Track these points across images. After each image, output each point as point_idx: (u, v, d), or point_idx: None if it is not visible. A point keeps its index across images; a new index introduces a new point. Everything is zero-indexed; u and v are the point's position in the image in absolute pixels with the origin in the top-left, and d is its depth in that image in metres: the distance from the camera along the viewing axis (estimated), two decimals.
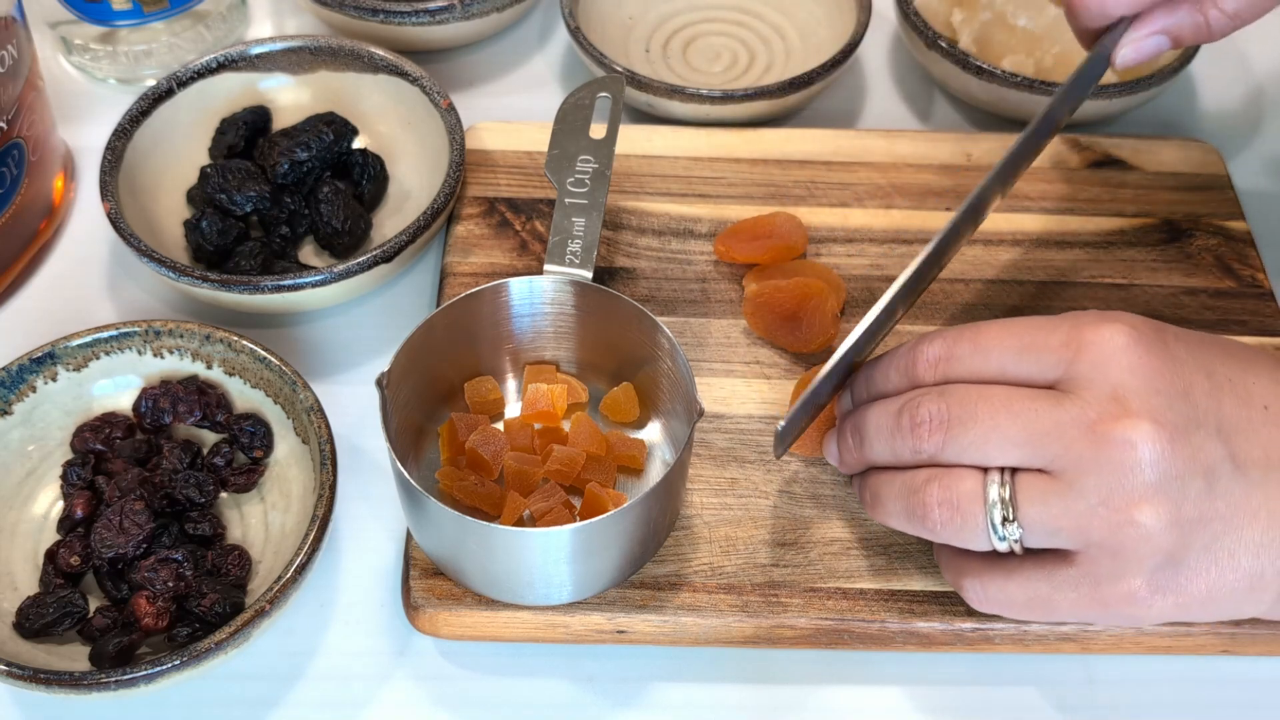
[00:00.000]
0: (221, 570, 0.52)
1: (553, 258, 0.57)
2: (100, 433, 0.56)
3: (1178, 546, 0.44)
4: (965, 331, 0.48)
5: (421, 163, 0.67)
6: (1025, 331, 0.47)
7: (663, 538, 0.53)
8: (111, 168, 0.63)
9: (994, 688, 0.53)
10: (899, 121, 0.75)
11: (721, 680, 0.53)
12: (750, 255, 0.63)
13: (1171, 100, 0.75)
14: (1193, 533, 0.44)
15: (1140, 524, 0.43)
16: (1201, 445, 0.44)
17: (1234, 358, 0.46)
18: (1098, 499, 0.44)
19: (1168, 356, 0.45)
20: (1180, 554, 0.44)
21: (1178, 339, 0.46)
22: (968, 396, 0.46)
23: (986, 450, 0.46)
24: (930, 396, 0.47)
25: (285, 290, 0.59)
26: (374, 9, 0.71)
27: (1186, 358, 0.45)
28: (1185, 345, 0.46)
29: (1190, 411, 0.44)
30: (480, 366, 0.58)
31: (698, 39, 0.77)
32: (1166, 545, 0.44)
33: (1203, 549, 0.44)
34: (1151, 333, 0.46)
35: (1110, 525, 0.44)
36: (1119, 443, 0.43)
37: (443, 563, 0.52)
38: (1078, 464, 0.44)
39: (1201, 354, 0.46)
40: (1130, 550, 0.44)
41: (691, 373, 0.52)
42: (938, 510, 0.46)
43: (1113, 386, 0.44)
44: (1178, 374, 0.45)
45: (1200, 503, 0.44)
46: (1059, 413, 0.44)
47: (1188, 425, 0.44)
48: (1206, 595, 0.45)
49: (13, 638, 0.50)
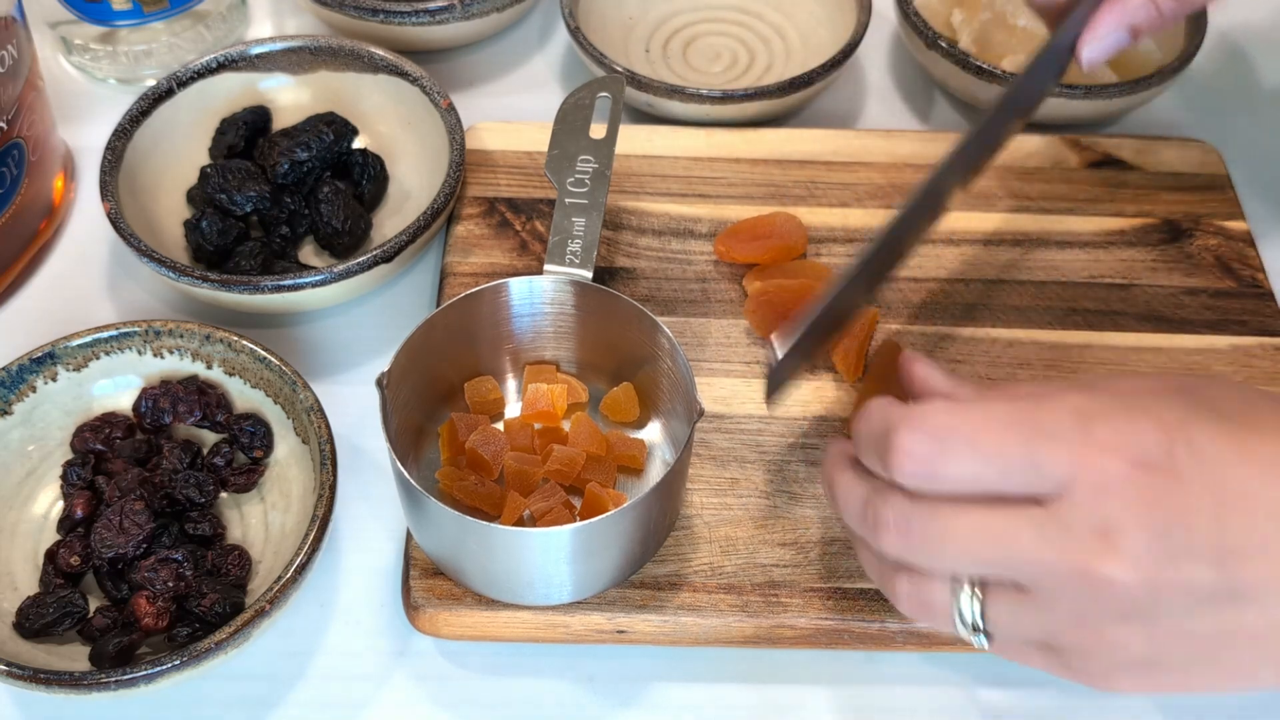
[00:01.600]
0: (221, 570, 0.52)
1: (553, 258, 0.57)
2: (100, 433, 0.56)
3: (1154, 656, 0.42)
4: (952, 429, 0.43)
5: (421, 163, 0.67)
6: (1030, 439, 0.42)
7: (663, 538, 0.53)
8: (111, 168, 0.63)
9: (994, 688, 0.53)
10: (899, 121, 0.75)
11: (721, 680, 0.53)
12: (750, 255, 0.63)
13: (1171, 100, 0.75)
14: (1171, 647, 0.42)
15: (1109, 643, 0.42)
16: (1191, 576, 0.41)
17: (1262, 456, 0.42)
18: (1071, 619, 0.42)
19: (1171, 482, 0.41)
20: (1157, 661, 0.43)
21: (1191, 449, 0.42)
22: (938, 514, 0.43)
23: (956, 567, 0.44)
24: (899, 502, 0.43)
25: (285, 290, 0.59)
26: (374, 9, 0.71)
27: (1196, 475, 0.41)
28: (1199, 458, 0.41)
29: (1185, 542, 0.41)
30: (480, 366, 0.58)
31: (698, 39, 0.77)
32: (1141, 655, 0.42)
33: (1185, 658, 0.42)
34: (1160, 452, 0.41)
35: (1081, 642, 0.43)
36: (1099, 580, 0.41)
37: (443, 563, 0.52)
38: (1053, 589, 0.42)
39: (1218, 462, 0.41)
40: (1104, 655, 0.43)
41: (691, 373, 0.52)
42: (905, 601, 0.45)
43: (1102, 520, 0.41)
44: (1179, 502, 0.41)
45: (1180, 625, 0.41)
46: (1041, 538, 0.42)
47: (1177, 557, 0.41)
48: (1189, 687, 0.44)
49: (13, 638, 0.50)
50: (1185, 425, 0.42)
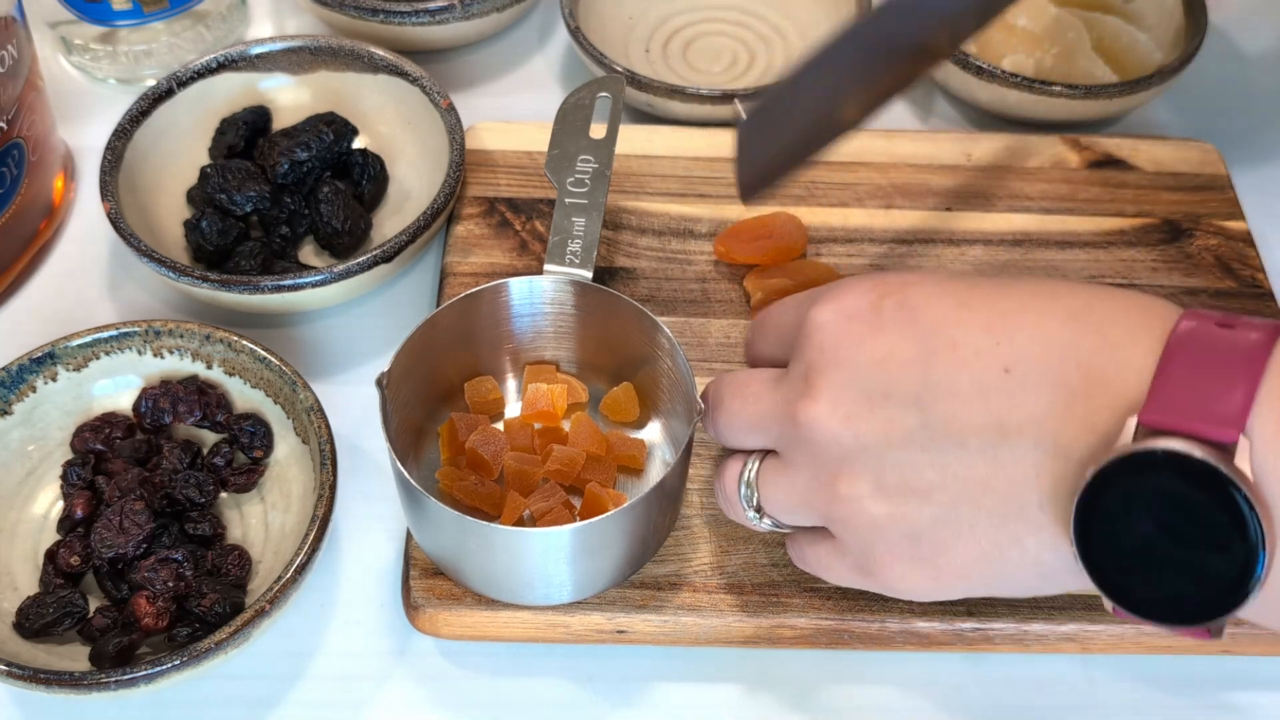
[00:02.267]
0: (221, 570, 0.52)
1: (553, 258, 0.57)
2: (100, 433, 0.56)
3: (900, 517, 0.43)
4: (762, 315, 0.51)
5: (421, 163, 0.67)
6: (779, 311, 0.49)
7: (663, 538, 0.53)
8: (111, 168, 0.63)
9: (994, 688, 0.53)
10: (899, 121, 0.75)
11: (721, 680, 0.53)
12: (750, 256, 0.63)
13: (1171, 100, 0.75)
14: (908, 503, 0.42)
15: (845, 496, 0.43)
16: (890, 416, 0.42)
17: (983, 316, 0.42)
18: (808, 475, 0.44)
19: (871, 329, 0.43)
20: (909, 525, 0.43)
21: (901, 305, 0.43)
22: (721, 381, 0.49)
23: (732, 435, 0.48)
24: (710, 384, 0.50)
25: (285, 290, 0.59)
26: (374, 9, 0.71)
27: (899, 325, 0.43)
28: (907, 311, 0.43)
29: (880, 382, 0.42)
30: (480, 366, 0.58)
31: (698, 39, 0.77)
32: (883, 514, 0.43)
33: (932, 520, 0.42)
34: (866, 305, 0.44)
35: (825, 499, 0.44)
36: (804, 423, 0.44)
37: (443, 563, 0.52)
38: (789, 444, 0.45)
39: (929, 315, 0.42)
40: (854, 521, 0.44)
41: (691, 373, 0.52)
42: (719, 497, 0.50)
43: (806, 366, 0.44)
44: (875, 346, 0.43)
45: (903, 472, 0.42)
46: (774, 394, 0.46)
47: (872, 397, 0.42)
48: (961, 569, 0.43)
49: (13, 638, 0.50)
50: (904, 286, 0.44)
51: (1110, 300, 0.42)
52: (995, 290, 0.43)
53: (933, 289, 0.43)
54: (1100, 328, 0.41)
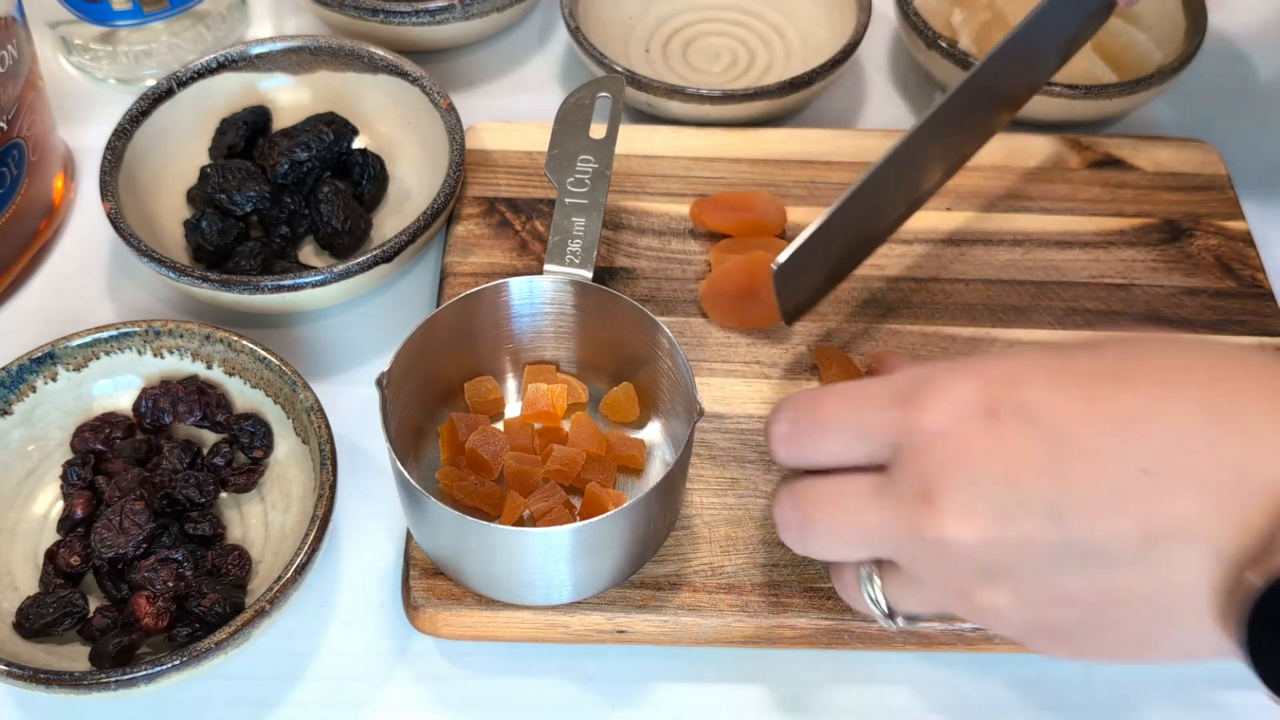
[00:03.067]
0: (221, 570, 0.52)
1: (553, 258, 0.57)
2: (100, 433, 0.56)
3: (1046, 624, 0.42)
4: (806, 406, 0.44)
5: (421, 163, 0.67)
6: (862, 406, 0.43)
7: (663, 538, 0.53)
8: (111, 168, 0.63)
9: (994, 688, 0.53)
10: (899, 121, 0.75)
11: (721, 680, 0.53)
12: (720, 224, 0.63)
13: (1171, 100, 0.75)
14: (1050, 610, 0.41)
15: (983, 608, 0.42)
16: (1026, 532, 0.39)
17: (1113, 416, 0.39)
18: (940, 586, 0.42)
19: (992, 435, 0.40)
20: (1054, 629, 0.42)
21: (1020, 408, 0.40)
22: (806, 497, 0.44)
23: (837, 552, 0.44)
24: (782, 499, 0.45)
25: (285, 290, 0.59)
26: (374, 9, 0.71)
27: (1024, 432, 0.40)
28: (1029, 415, 0.40)
29: (1012, 496, 0.39)
30: (480, 366, 0.58)
31: (698, 39, 0.77)
32: (1032, 622, 0.42)
33: (1081, 625, 0.41)
34: (982, 410, 0.40)
35: (961, 608, 0.43)
36: (932, 542, 0.41)
37: (443, 563, 0.52)
38: (910, 558, 0.42)
39: (1056, 418, 0.40)
40: (999, 625, 0.42)
41: (691, 373, 0.52)
42: (841, 594, 0.47)
43: (922, 482, 0.41)
44: (1002, 457, 0.40)
45: (1044, 587, 0.40)
46: (880, 510, 0.42)
47: (1006, 512, 0.39)
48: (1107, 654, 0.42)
49: (13, 638, 0.50)
50: (1016, 382, 0.41)
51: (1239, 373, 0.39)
52: (1115, 380, 0.40)
53: (1048, 384, 0.40)
54: (1238, 414, 0.38)
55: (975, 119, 0.56)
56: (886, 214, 0.55)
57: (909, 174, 0.53)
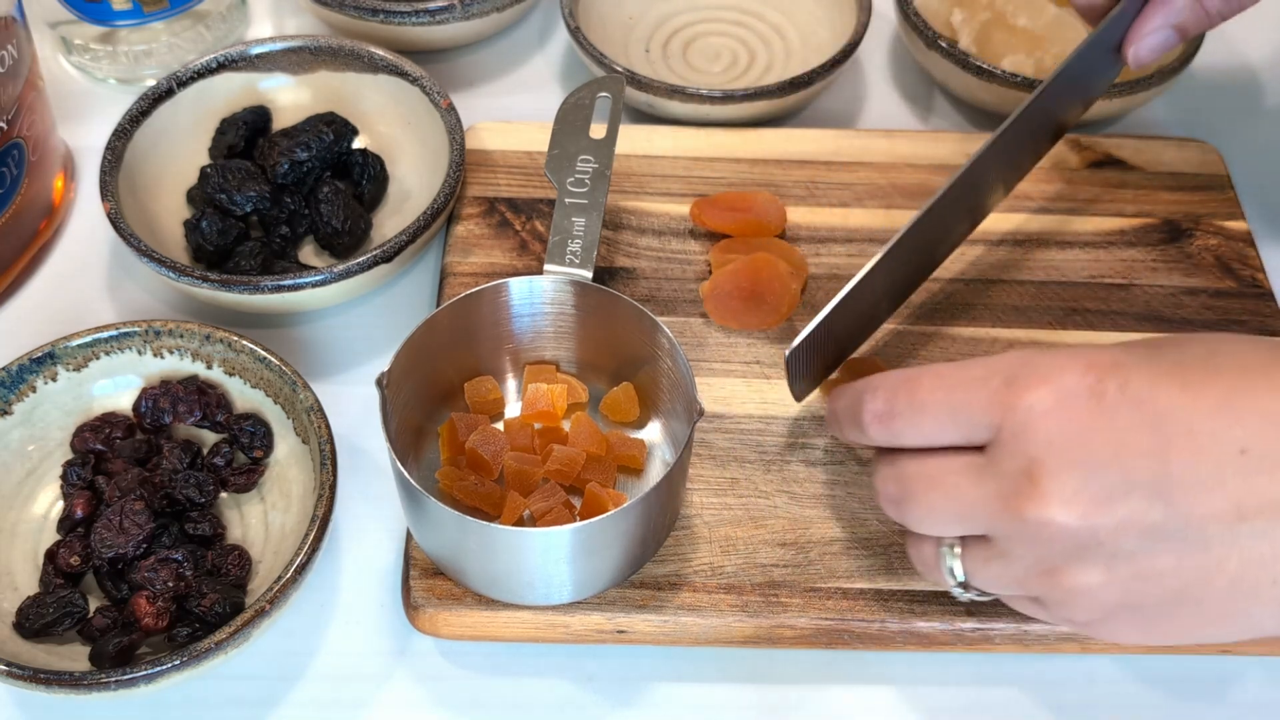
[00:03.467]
0: (221, 570, 0.52)
1: (553, 258, 0.57)
2: (100, 433, 0.56)
3: (1129, 601, 0.43)
4: (902, 386, 0.46)
5: (421, 163, 0.67)
6: (958, 387, 0.44)
7: (663, 538, 0.53)
8: (111, 168, 0.63)
9: (994, 688, 0.53)
10: (899, 121, 0.75)
11: (721, 680, 0.53)
12: (720, 224, 0.63)
13: (1171, 100, 0.75)
14: (1140, 589, 0.42)
15: (1071, 587, 0.43)
16: (1132, 512, 0.41)
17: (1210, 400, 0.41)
18: (1030, 564, 0.43)
19: (1100, 418, 0.41)
20: (1136, 606, 0.43)
21: (1124, 389, 0.42)
22: (907, 471, 0.46)
23: (932, 525, 0.46)
24: (882, 471, 0.47)
25: (285, 290, 0.59)
26: (374, 9, 0.71)
27: (1128, 413, 0.41)
28: (1132, 397, 0.42)
29: (1118, 477, 0.41)
30: (480, 366, 0.58)
31: (698, 39, 0.77)
32: (1115, 600, 0.43)
33: (1164, 601, 0.42)
34: (1086, 390, 0.42)
35: (1049, 587, 0.43)
36: (1032, 521, 0.42)
37: (443, 563, 0.52)
38: (1005, 536, 0.43)
39: (1156, 401, 0.42)
40: (1079, 604, 0.44)
41: (691, 373, 0.52)
42: (915, 562, 0.48)
43: (1028, 460, 0.42)
44: (1108, 438, 0.41)
45: (1137, 563, 0.42)
46: (980, 487, 0.43)
47: (1112, 493, 0.41)
48: (1179, 634, 0.44)
49: (13, 638, 0.50)
50: (1119, 366, 0.42)
51: None
52: (1205, 369, 0.42)
53: (1149, 370, 0.42)
54: None
55: (994, 183, 0.57)
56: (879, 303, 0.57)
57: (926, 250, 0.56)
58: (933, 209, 0.53)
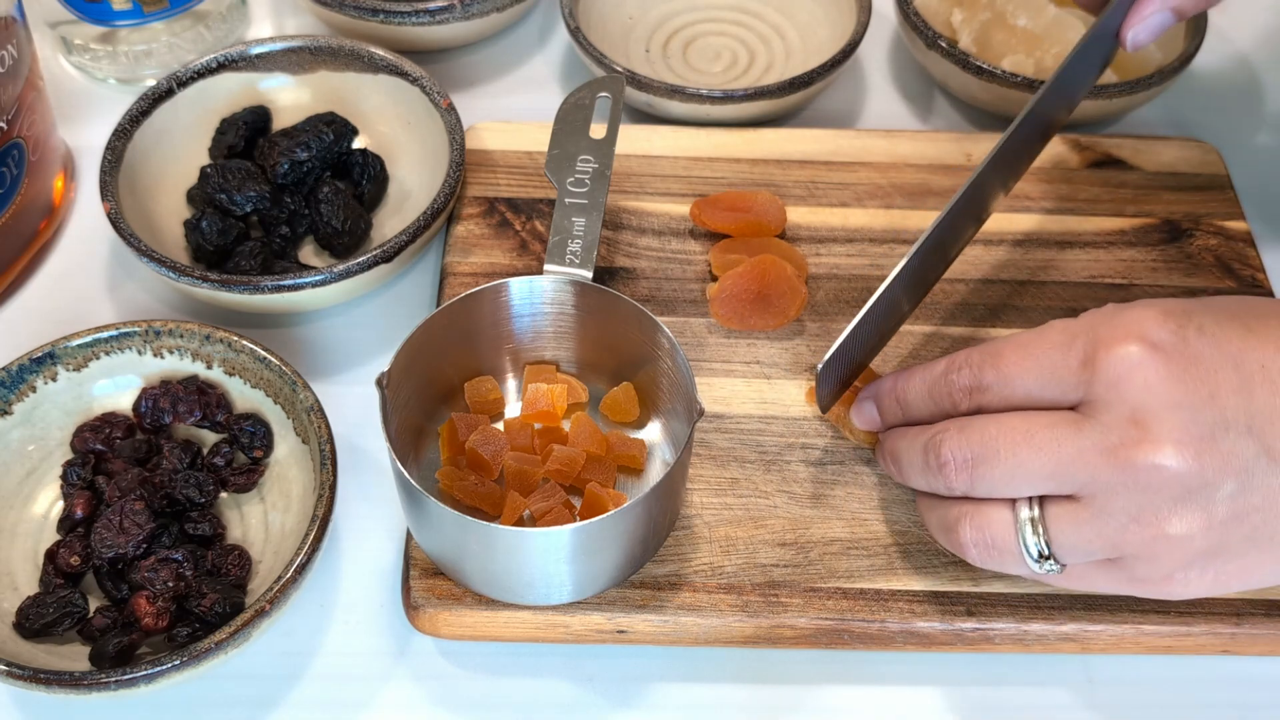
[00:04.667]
0: (221, 570, 0.52)
1: (553, 258, 0.57)
2: (100, 433, 0.56)
3: (1215, 545, 0.44)
4: (988, 358, 0.47)
5: (421, 163, 0.67)
6: (1045, 351, 0.46)
7: (663, 538, 0.53)
8: (111, 168, 0.63)
9: (994, 688, 0.53)
10: (899, 121, 0.75)
11: (721, 680, 0.53)
12: (721, 224, 0.63)
13: (1171, 100, 0.75)
14: (1229, 530, 0.43)
15: (1173, 535, 0.43)
16: (1232, 448, 0.43)
17: (1272, 340, 0.44)
18: (1128, 517, 0.44)
19: (1189, 361, 0.43)
20: (1219, 549, 0.44)
21: (1202, 332, 0.44)
22: (987, 433, 0.46)
23: (1015, 485, 0.46)
24: (951, 435, 0.47)
25: (285, 290, 0.59)
26: (374, 9, 0.71)
27: (1212, 354, 0.44)
28: (1211, 339, 0.44)
29: (1217, 415, 0.43)
30: (480, 366, 0.58)
31: (698, 39, 0.77)
32: (1203, 546, 0.44)
33: (1243, 539, 0.44)
34: (1171, 336, 0.44)
35: (1144, 539, 0.44)
36: (1144, 467, 0.43)
37: (443, 563, 0.52)
38: (1106, 489, 0.44)
39: (1230, 342, 0.44)
40: (1167, 555, 0.44)
41: (691, 373, 0.52)
42: (974, 550, 0.48)
43: (1131, 409, 0.43)
44: (1201, 378, 0.43)
45: (1234, 502, 0.43)
46: (1080, 440, 0.44)
47: (1214, 432, 0.43)
48: (1248, 574, 0.45)
49: (13, 638, 0.50)
50: (1190, 313, 0.45)
51: None
52: (1257, 314, 0.45)
53: (1215, 316, 0.45)
54: None
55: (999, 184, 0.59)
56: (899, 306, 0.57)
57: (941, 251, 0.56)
58: (952, 210, 0.53)
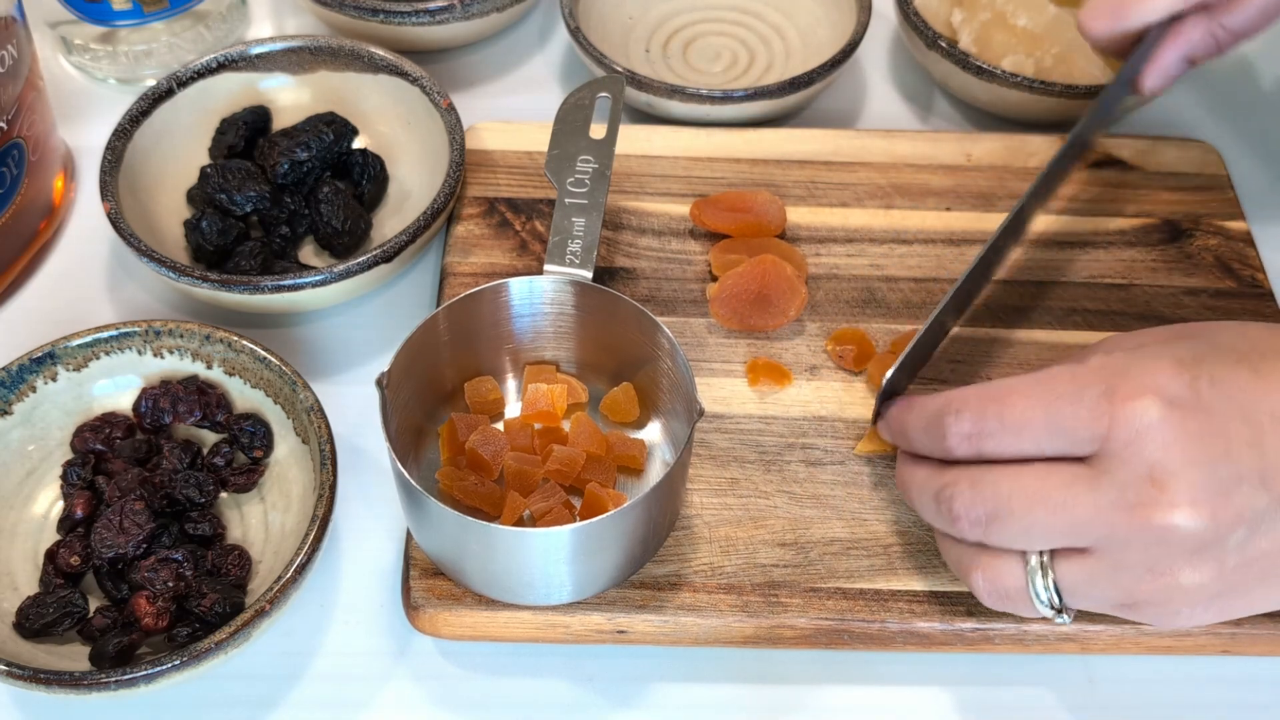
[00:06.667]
0: (221, 570, 0.52)
1: (553, 258, 0.57)
2: (100, 433, 0.56)
3: (1226, 589, 0.44)
4: (990, 403, 0.46)
5: (421, 163, 0.67)
6: (1054, 403, 0.45)
7: (663, 538, 0.53)
8: (111, 168, 0.63)
9: (994, 688, 0.53)
10: (899, 121, 0.75)
11: (721, 680, 0.53)
12: (720, 224, 0.63)
13: (1171, 100, 0.75)
14: (1240, 574, 0.44)
15: (1186, 585, 0.44)
16: (1246, 501, 0.43)
17: (1276, 380, 0.44)
18: (1143, 569, 0.44)
19: (1203, 416, 0.43)
20: (1228, 591, 0.44)
21: (1214, 384, 0.44)
22: (1000, 490, 0.45)
23: (1030, 542, 0.45)
24: (963, 491, 0.46)
25: (285, 290, 0.59)
26: (374, 9, 0.71)
27: (1224, 406, 0.43)
28: (1222, 390, 0.44)
29: (1231, 470, 0.43)
30: (480, 366, 0.58)
31: (698, 39, 0.77)
32: (1214, 591, 0.44)
33: (1253, 580, 0.44)
34: (1185, 390, 0.43)
35: (1156, 589, 0.44)
36: (1161, 526, 0.43)
37: (443, 563, 0.52)
38: (1122, 545, 0.44)
39: (1241, 391, 0.44)
40: (1179, 600, 0.45)
41: (691, 373, 0.52)
42: (986, 595, 0.48)
43: (1149, 467, 0.43)
44: (1215, 434, 0.43)
45: (1245, 549, 0.43)
46: (1096, 498, 0.44)
47: (1228, 488, 0.43)
48: (1252, 607, 0.46)
49: (13, 638, 0.50)
50: (1201, 362, 0.44)
51: None
52: (1257, 355, 0.45)
53: (1224, 361, 0.44)
54: None
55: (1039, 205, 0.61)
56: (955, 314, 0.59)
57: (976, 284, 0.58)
58: (1000, 236, 0.55)
